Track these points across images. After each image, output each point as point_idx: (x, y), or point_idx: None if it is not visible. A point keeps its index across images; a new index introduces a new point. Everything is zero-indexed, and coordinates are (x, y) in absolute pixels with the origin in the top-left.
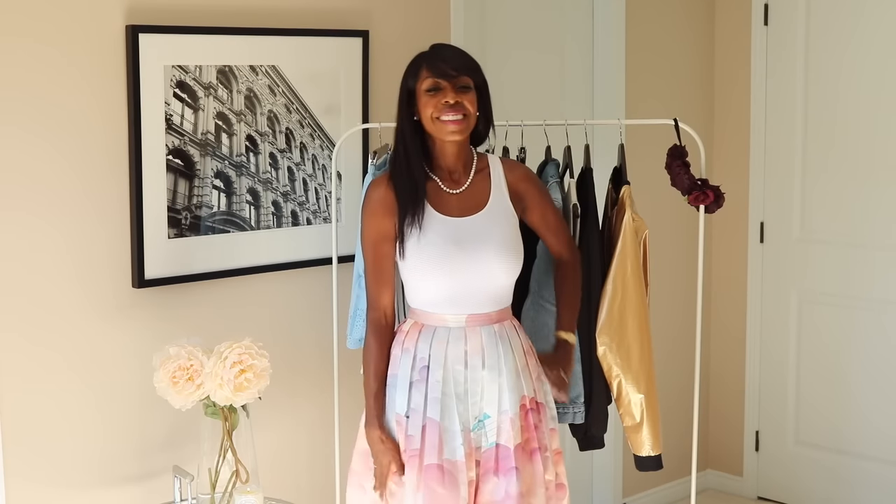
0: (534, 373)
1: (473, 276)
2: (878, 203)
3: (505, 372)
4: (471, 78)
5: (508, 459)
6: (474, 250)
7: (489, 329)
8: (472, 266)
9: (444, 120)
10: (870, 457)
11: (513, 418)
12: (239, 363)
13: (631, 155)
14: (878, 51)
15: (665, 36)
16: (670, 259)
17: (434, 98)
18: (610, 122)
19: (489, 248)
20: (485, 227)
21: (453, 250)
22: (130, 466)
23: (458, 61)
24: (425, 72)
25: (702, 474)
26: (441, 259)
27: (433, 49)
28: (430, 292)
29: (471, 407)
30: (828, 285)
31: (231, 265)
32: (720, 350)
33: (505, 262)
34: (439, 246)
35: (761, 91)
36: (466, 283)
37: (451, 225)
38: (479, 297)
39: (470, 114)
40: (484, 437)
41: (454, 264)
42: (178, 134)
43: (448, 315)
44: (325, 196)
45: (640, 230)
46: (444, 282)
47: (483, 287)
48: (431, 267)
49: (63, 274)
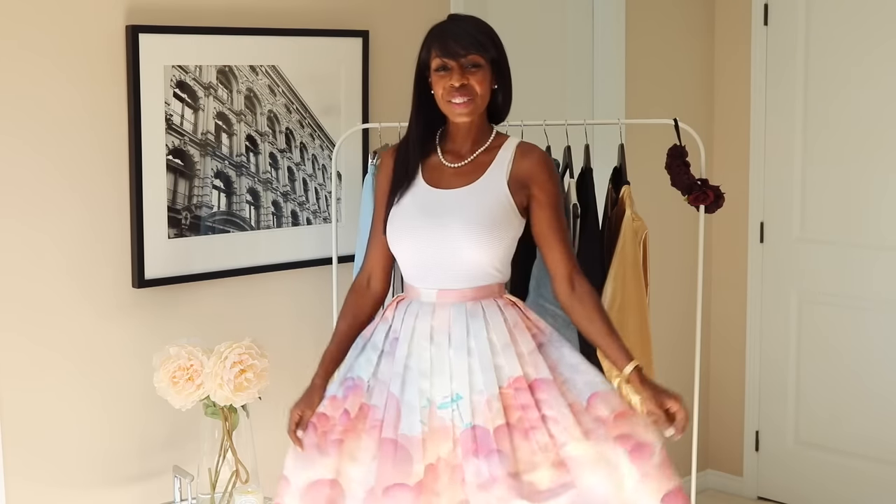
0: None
1: (438, 248)
2: (878, 203)
3: (476, 352)
4: (481, 55)
5: (488, 441)
6: (439, 222)
7: (461, 306)
8: (436, 237)
9: (452, 102)
10: (870, 457)
11: (490, 399)
12: (239, 363)
13: (631, 155)
14: (878, 50)
15: (665, 36)
16: (670, 259)
17: (443, 78)
18: (610, 122)
19: (455, 221)
20: (459, 201)
21: (419, 218)
22: (130, 466)
23: (468, 39)
24: (435, 49)
25: (702, 474)
26: (407, 227)
27: (446, 23)
28: (402, 262)
29: (438, 385)
30: (828, 285)
31: (231, 265)
32: (720, 350)
33: (472, 237)
34: (409, 214)
35: (761, 91)
36: (432, 255)
37: (429, 195)
38: (449, 272)
39: (478, 94)
40: (458, 418)
41: (417, 232)
42: (178, 134)
43: (421, 288)
44: (325, 196)
45: (639, 230)
46: (409, 251)
47: (450, 261)
48: (399, 234)
49: (63, 274)
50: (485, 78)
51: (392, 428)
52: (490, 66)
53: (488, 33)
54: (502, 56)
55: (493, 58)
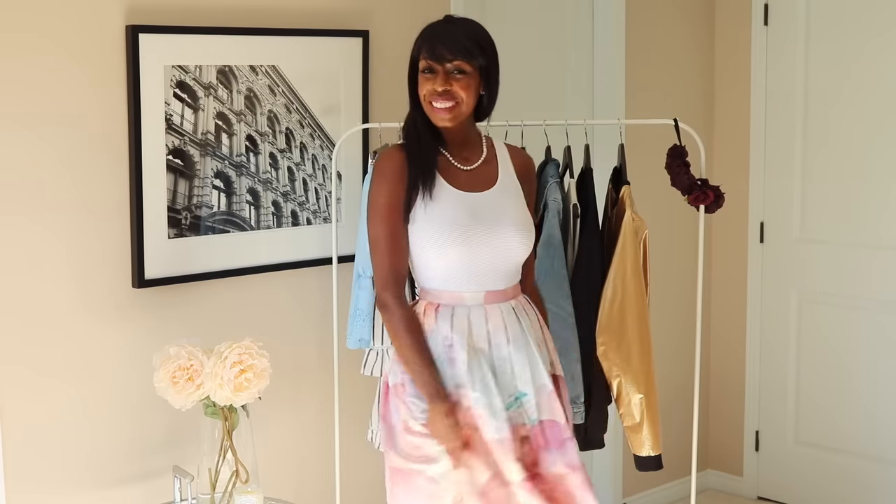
0: (550, 345)
1: (492, 250)
2: (878, 203)
3: (531, 346)
4: (469, 62)
5: (557, 432)
6: (493, 224)
7: (506, 305)
8: (491, 240)
9: (433, 105)
10: (870, 457)
11: (550, 394)
12: (239, 363)
13: (631, 155)
14: (878, 50)
15: (665, 36)
16: (670, 259)
17: (427, 81)
18: (610, 122)
19: (506, 222)
20: (499, 202)
21: (470, 223)
22: (131, 466)
23: (457, 45)
24: (423, 50)
25: (702, 474)
26: (457, 231)
27: (439, 25)
28: (445, 267)
29: (504, 385)
30: (828, 285)
31: (231, 265)
32: (720, 350)
33: (522, 237)
34: (454, 218)
35: (761, 91)
36: (484, 258)
37: (467, 198)
38: (496, 273)
39: (461, 100)
40: (525, 416)
41: (471, 237)
42: (178, 134)
43: (465, 292)
44: (325, 196)
45: (639, 230)
46: (460, 255)
47: (501, 262)
48: (447, 239)
49: (63, 274)
50: (470, 84)
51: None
52: (478, 72)
53: (480, 39)
54: (492, 62)
55: (481, 65)
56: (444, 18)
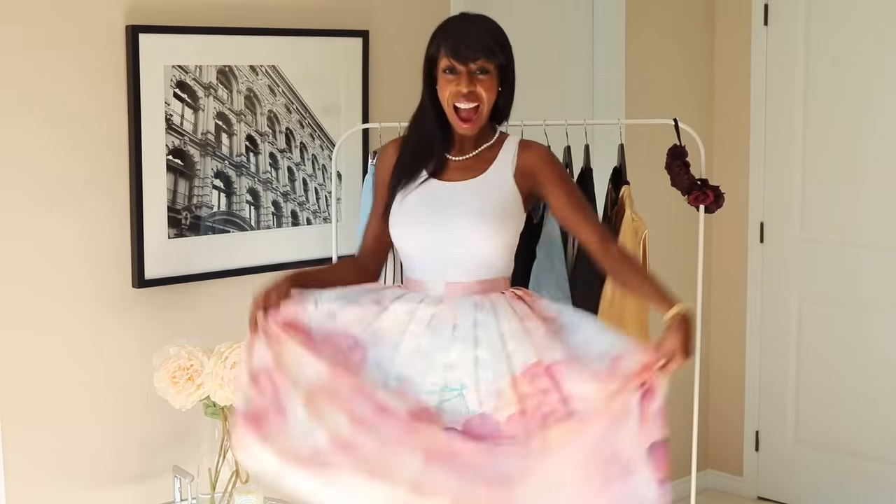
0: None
1: (444, 238)
2: (879, 203)
3: (485, 342)
4: (491, 62)
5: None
6: (444, 212)
7: (468, 299)
8: (443, 228)
9: (457, 108)
10: (870, 457)
11: (500, 389)
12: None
13: (631, 155)
14: (878, 50)
15: (665, 36)
16: (670, 259)
17: (450, 82)
18: (610, 122)
19: (460, 211)
20: (466, 193)
21: (422, 210)
22: (130, 466)
23: (479, 44)
24: (444, 49)
25: (702, 474)
26: (413, 219)
27: (459, 23)
28: (407, 254)
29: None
30: (828, 285)
31: (231, 265)
32: (720, 350)
33: (479, 228)
34: (414, 208)
35: (761, 91)
36: (438, 246)
37: (435, 187)
38: (455, 264)
39: (484, 101)
40: (464, 406)
41: (424, 224)
42: (178, 134)
43: (427, 281)
44: (325, 196)
45: (639, 230)
46: (416, 242)
47: (457, 252)
48: (405, 226)
49: (63, 274)
50: (492, 84)
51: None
52: (497, 71)
53: (499, 37)
54: (510, 61)
55: (500, 63)
56: (461, 16)
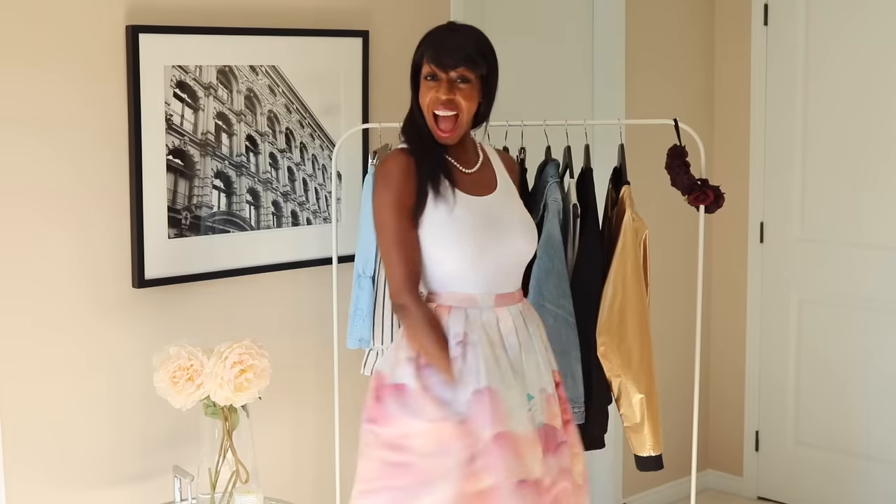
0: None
1: (503, 253)
2: (878, 203)
3: (537, 350)
4: (472, 71)
5: (554, 436)
6: (504, 227)
7: (515, 309)
8: (503, 243)
9: (436, 116)
10: (870, 457)
11: (551, 396)
12: (239, 363)
13: (631, 155)
14: (878, 50)
15: (665, 36)
16: (670, 259)
17: (430, 88)
18: (610, 122)
19: (515, 225)
20: (505, 205)
21: (484, 226)
22: (130, 466)
23: (461, 53)
24: (427, 56)
25: (702, 474)
26: (472, 234)
27: (443, 31)
28: (458, 270)
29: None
30: (828, 285)
31: (231, 265)
32: (720, 350)
33: (529, 238)
34: (469, 221)
35: (761, 91)
36: (495, 261)
37: (476, 202)
38: (505, 276)
39: (463, 110)
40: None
41: (487, 240)
42: (178, 134)
43: (477, 295)
44: (325, 196)
45: (640, 230)
46: (475, 258)
47: (510, 265)
48: (463, 242)
49: (63, 274)
50: (471, 93)
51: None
52: (479, 81)
53: (483, 48)
54: (493, 70)
55: (482, 73)
56: (447, 25)
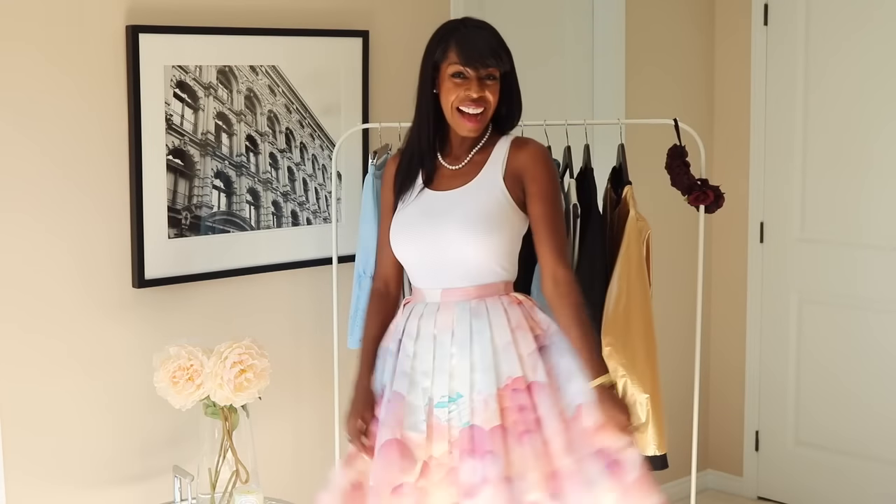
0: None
1: (438, 248)
2: (879, 203)
3: (478, 350)
4: (499, 68)
5: (483, 442)
6: (436, 222)
7: (465, 305)
8: (435, 237)
9: (464, 112)
10: (870, 457)
11: (487, 399)
12: (239, 363)
13: (631, 155)
14: (878, 50)
15: (665, 36)
16: (670, 259)
17: (458, 87)
18: (610, 122)
19: (451, 220)
20: (457, 200)
21: (416, 220)
22: (130, 466)
23: (489, 50)
24: (453, 54)
25: (702, 474)
26: (406, 231)
27: (466, 28)
28: (406, 264)
29: (438, 383)
30: (828, 285)
31: (231, 265)
32: (720, 350)
33: (469, 235)
34: (408, 219)
35: (761, 91)
36: (433, 255)
37: (429, 198)
38: (451, 271)
39: (490, 106)
40: (457, 417)
41: (416, 234)
42: (178, 134)
43: (425, 289)
44: (325, 196)
45: (643, 230)
46: (411, 253)
47: (451, 260)
48: (400, 238)
49: (63, 274)
50: (497, 90)
51: (398, 428)
52: (501, 77)
53: (503, 44)
54: (513, 67)
55: (506, 70)
56: (465, 21)
